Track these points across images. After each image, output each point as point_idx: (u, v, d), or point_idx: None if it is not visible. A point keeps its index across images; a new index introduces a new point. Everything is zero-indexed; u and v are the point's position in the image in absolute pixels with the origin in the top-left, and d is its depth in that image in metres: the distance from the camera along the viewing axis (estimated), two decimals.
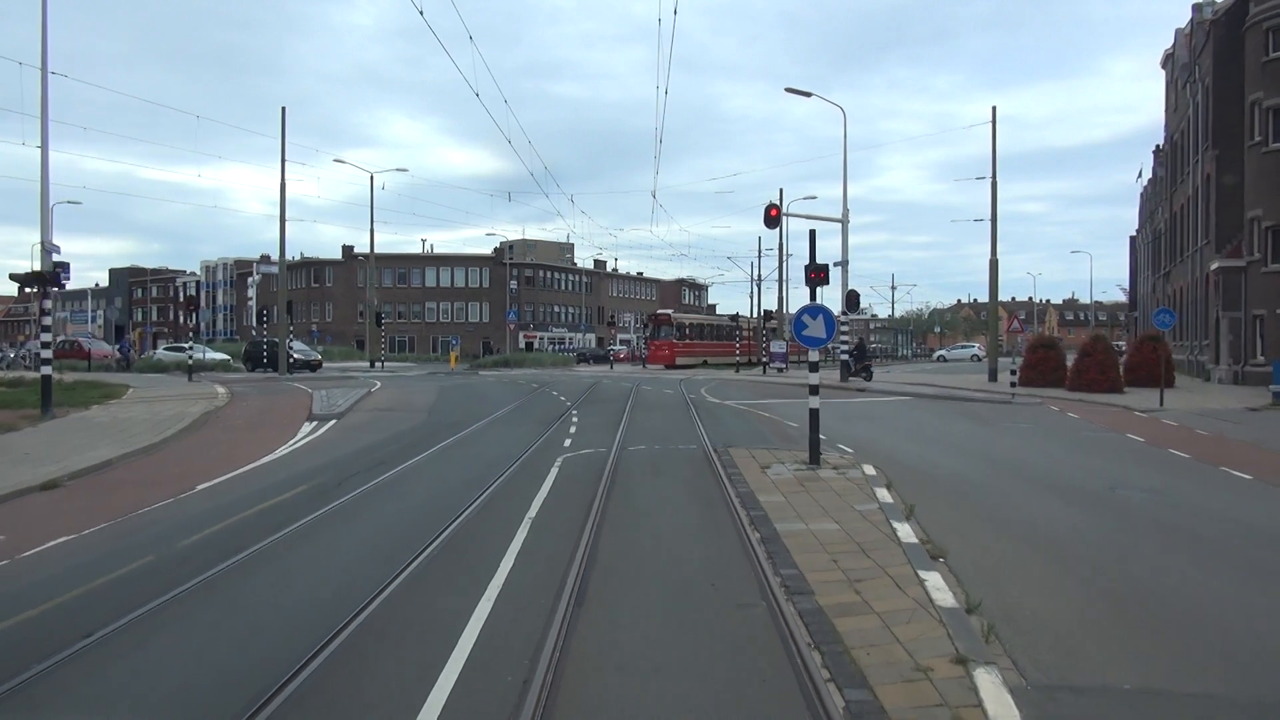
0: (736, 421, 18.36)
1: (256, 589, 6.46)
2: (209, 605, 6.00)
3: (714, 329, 60.70)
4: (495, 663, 4.82)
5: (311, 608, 5.92)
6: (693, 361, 53.21)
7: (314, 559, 7.38)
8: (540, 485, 10.24)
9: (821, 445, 14.55)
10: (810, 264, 11.60)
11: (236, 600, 6.15)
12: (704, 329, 59.05)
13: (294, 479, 10.86)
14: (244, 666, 4.85)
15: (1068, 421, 19.03)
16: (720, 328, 62.29)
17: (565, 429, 16.29)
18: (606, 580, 6.54)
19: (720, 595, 6.20)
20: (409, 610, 5.79)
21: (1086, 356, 27.49)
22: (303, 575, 6.88)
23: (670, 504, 9.52)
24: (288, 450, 13.53)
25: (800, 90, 29.10)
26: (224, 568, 6.80)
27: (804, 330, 11.61)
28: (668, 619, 5.70)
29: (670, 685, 4.59)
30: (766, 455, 12.89)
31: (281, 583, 6.65)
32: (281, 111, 34.25)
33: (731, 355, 56.90)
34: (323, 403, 20.01)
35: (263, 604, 6.09)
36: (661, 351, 52.62)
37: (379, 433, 15.64)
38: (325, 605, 5.85)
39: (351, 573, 6.76)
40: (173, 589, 6.15)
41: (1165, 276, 46.72)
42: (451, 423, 17.14)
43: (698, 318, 62.92)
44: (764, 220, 28.60)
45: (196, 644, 5.24)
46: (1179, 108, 42.34)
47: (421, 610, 5.78)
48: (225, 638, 5.36)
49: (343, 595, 6.02)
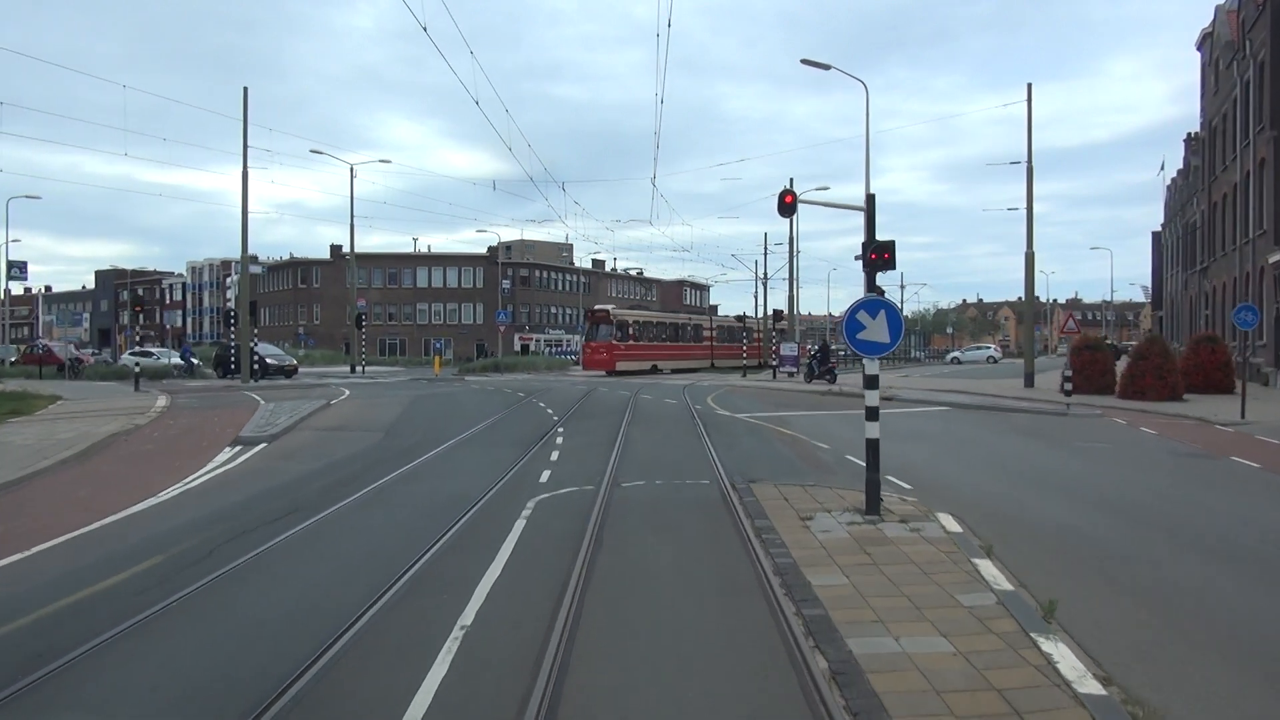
0: (753, 441, 15.28)
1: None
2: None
3: (668, 328, 51.49)
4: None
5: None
6: (638, 366, 45.42)
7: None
8: (492, 558, 7.16)
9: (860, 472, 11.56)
10: (869, 240, 8.49)
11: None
12: (653, 327, 49.46)
13: (151, 544, 7.76)
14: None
15: (1147, 439, 15.95)
16: (679, 327, 53.06)
17: (546, 454, 13.22)
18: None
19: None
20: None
21: (1141, 360, 24.43)
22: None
23: (677, 592, 6.44)
24: (179, 490, 10.45)
25: (819, 63, 25.99)
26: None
27: (859, 332, 8.54)
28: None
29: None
30: (802, 496, 9.81)
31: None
32: (243, 92, 31.22)
33: (693, 359, 51.06)
34: (260, 420, 16.93)
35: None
36: (599, 355, 44.34)
37: (311, 462, 12.56)
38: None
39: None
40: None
41: (1202, 272, 43.61)
42: (407, 447, 14.06)
43: (646, 314, 52.44)
44: (778, 208, 25.33)
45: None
46: (1220, 90, 39.27)
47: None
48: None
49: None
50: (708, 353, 54.85)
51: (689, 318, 54.92)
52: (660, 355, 48.41)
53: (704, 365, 51.68)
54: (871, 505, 8.64)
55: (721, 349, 57.26)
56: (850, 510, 8.97)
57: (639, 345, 46.07)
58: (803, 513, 8.96)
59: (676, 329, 52.30)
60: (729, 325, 61.06)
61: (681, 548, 7.73)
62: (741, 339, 58.39)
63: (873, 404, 8.66)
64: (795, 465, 12.59)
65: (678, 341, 51.27)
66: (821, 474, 11.69)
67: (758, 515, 8.88)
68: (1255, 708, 4.50)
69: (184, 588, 6.29)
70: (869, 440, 8.73)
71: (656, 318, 52.46)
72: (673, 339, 50.79)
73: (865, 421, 8.77)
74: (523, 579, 6.62)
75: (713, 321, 59.12)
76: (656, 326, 50.02)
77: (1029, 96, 29.33)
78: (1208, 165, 42.14)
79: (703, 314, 70.14)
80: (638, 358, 45.66)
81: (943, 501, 9.67)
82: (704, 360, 52.70)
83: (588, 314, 49.50)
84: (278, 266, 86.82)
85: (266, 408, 19.81)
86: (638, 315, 49.53)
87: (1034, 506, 9.65)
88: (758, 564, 7.11)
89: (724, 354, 57.08)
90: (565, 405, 22.51)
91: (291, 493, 10.10)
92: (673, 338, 50.91)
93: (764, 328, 63.93)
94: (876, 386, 8.68)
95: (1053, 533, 8.38)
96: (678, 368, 49.04)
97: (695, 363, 51.54)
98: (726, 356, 56.89)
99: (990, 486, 10.94)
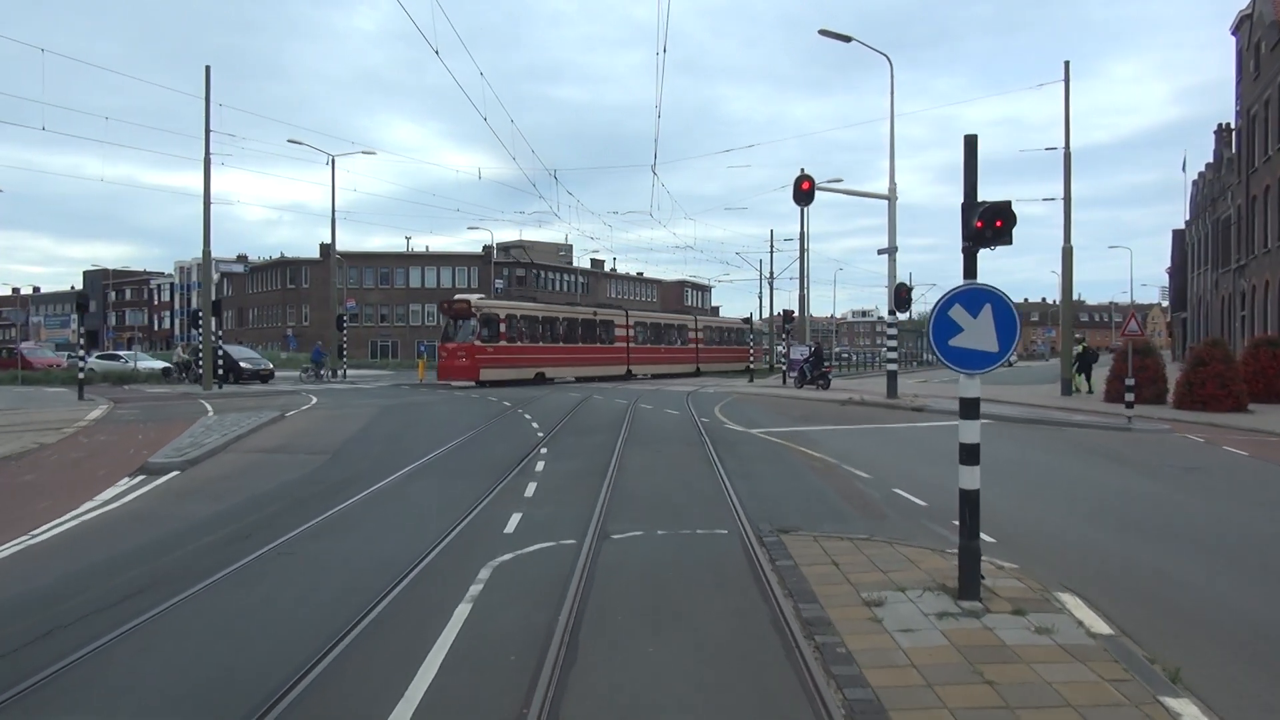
0: (775, 468, 12.63)
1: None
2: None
3: (564, 325, 39.78)
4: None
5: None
6: (515, 375, 35.28)
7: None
8: (399, 696, 4.52)
9: (919, 515, 8.89)
10: (970, 200, 5.79)
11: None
12: (542, 324, 38.31)
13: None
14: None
15: (1244, 464, 13.31)
16: (589, 324, 41.50)
17: (520, 487, 10.58)
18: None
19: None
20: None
21: (1201, 366, 21.78)
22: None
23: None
24: (16, 549, 7.78)
25: (839, 35, 23.37)
26: None
27: (952, 337, 5.88)
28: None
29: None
30: (855, 557, 7.16)
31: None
32: (205, 71, 28.53)
33: (606, 364, 41.74)
34: (188, 440, 14.26)
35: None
36: (458, 360, 33.64)
37: (215, 501, 9.89)
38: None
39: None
40: None
41: (1238, 270, 40.94)
42: (349, 477, 11.41)
43: (528, 307, 39.13)
44: (794, 195, 23.00)
45: None
46: (1261, 74, 36.63)
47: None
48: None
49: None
50: (660, 355, 46.80)
51: (595, 311, 42.91)
52: (553, 360, 38.31)
53: (619, 371, 42.79)
54: (968, 586, 5.98)
55: (712, 352, 52.04)
56: (934, 588, 6.33)
57: (519, 348, 35.95)
58: (864, 589, 6.32)
59: (579, 326, 40.92)
60: (719, 326, 56.11)
61: (698, 661, 5.08)
62: (733, 340, 54.41)
63: (971, 440, 5.99)
64: (833, 503, 9.93)
65: (582, 342, 40.67)
66: (871, 519, 9.04)
67: (802, 595, 6.24)
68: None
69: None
70: (966, 492, 6.07)
71: (545, 311, 39.62)
72: (562, 339, 39.61)
73: (960, 465, 6.10)
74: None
75: (698, 321, 52.63)
76: (544, 322, 38.65)
77: (1066, 76, 26.67)
78: (1245, 157, 39.49)
79: (687, 313, 61.39)
80: (516, 363, 35.62)
81: (1051, 567, 7.04)
82: (620, 365, 43.20)
83: (442, 306, 37.60)
84: (265, 266, 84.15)
85: (207, 421, 17.16)
86: (516, 308, 37.93)
87: (1183, 576, 7.00)
88: (817, 700, 4.47)
89: (713, 357, 51.90)
90: (553, 418, 19.85)
91: (158, 556, 7.43)
92: (563, 337, 39.68)
93: (763, 328, 60.54)
94: (976, 415, 6.01)
95: (1243, 626, 5.72)
96: (585, 374, 40.14)
97: (608, 368, 41.89)
98: (716, 360, 52.05)
99: (1101, 539, 8.28)
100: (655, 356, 46.32)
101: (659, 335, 47.68)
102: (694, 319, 52.29)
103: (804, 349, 36.49)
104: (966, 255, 5.77)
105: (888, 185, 24.60)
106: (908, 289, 24.31)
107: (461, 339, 34.05)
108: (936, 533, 8.36)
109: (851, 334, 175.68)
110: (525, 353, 36.53)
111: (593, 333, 41.68)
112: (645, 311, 52.88)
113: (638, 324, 45.63)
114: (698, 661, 5.09)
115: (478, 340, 33.85)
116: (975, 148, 5.70)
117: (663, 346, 47.47)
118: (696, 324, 51.34)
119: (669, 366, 47.10)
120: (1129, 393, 18.16)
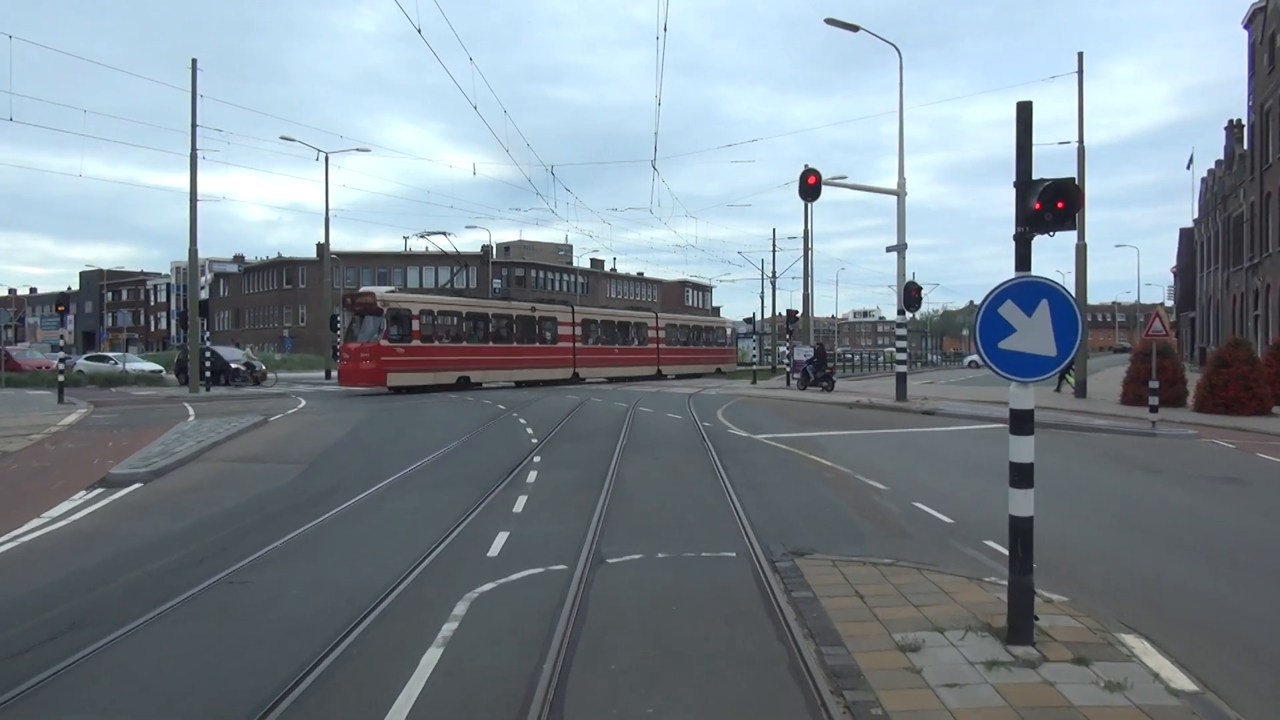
0: (783, 477, 11.79)
1: None
2: None
3: (495, 323, 34.86)
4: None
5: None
6: (432, 380, 31.01)
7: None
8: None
9: (945, 534, 8.06)
10: (1024, 179, 4.92)
11: None
12: (466, 321, 33.52)
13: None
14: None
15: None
16: (526, 322, 36.56)
17: (509, 501, 9.76)
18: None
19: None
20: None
21: (1224, 368, 20.94)
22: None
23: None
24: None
25: (847, 24, 22.54)
26: None
27: (1003, 339, 5.04)
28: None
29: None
30: (881, 586, 6.33)
31: None
32: (191, 64, 27.66)
33: (547, 367, 37.39)
34: (159, 447, 13.42)
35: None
36: (361, 363, 29.19)
37: (173, 520, 9.05)
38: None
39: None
40: None
41: (1251, 269, 40.09)
42: (324, 490, 10.57)
43: (449, 302, 34.14)
44: (799, 191, 22.14)
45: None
46: (1276, 68, 35.79)
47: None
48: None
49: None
50: (614, 357, 42.20)
51: (533, 307, 38.10)
52: (477, 362, 33.47)
53: (564, 375, 38.61)
54: (1020, 629, 5.15)
55: (677, 352, 46.78)
56: (977, 627, 5.49)
57: (433, 349, 31.30)
58: (897, 629, 5.49)
59: (514, 324, 35.80)
60: (687, 324, 50.80)
61: None
62: (703, 340, 50.25)
63: (1024, 459, 5.15)
64: (849, 519, 9.09)
65: (518, 342, 35.89)
66: (892, 538, 8.20)
67: (824, 636, 5.41)
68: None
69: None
70: (1017, 520, 5.23)
71: (470, 307, 34.66)
72: (508, 338, 35.25)
73: (1010, 488, 5.26)
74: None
75: (660, 319, 47.02)
76: (472, 319, 33.81)
77: (1080, 67, 25.85)
78: (1259, 152, 38.65)
79: (647, 309, 55.38)
80: (428, 366, 30.94)
81: (1104, 598, 6.23)
82: (565, 368, 39.03)
83: (344, 300, 32.09)
84: (261, 266, 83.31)
85: (184, 426, 16.32)
86: (430, 302, 32.87)
87: (1253, 609, 6.15)
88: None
89: (677, 358, 46.82)
90: (549, 422, 19.02)
91: (89, 589, 6.58)
92: (508, 336, 35.23)
93: (765, 328, 58.81)
94: (1029, 431, 5.16)
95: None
96: (522, 379, 36.17)
97: (549, 371, 37.73)
98: (681, 361, 47.06)
99: (1151, 563, 7.44)
100: (607, 358, 41.90)
101: (612, 334, 42.95)
102: (654, 315, 47.38)
103: (808, 349, 35.66)
104: (1019, 243, 4.92)
105: (896, 180, 23.77)
106: (918, 287, 23.47)
107: (366, 338, 29.52)
108: (967, 555, 7.54)
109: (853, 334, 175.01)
110: (444, 354, 31.69)
111: (531, 331, 36.82)
112: (595, 308, 46.54)
113: (585, 321, 40.75)
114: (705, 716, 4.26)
115: (385, 340, 29.10)
116: (1029, 117, 4.85)
117: (616, 347, 42.90)
118: (658, 321, 46.54)
119: (624, 369, 42.63)
120: (1153, 395, 17.31)
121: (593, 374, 40.67)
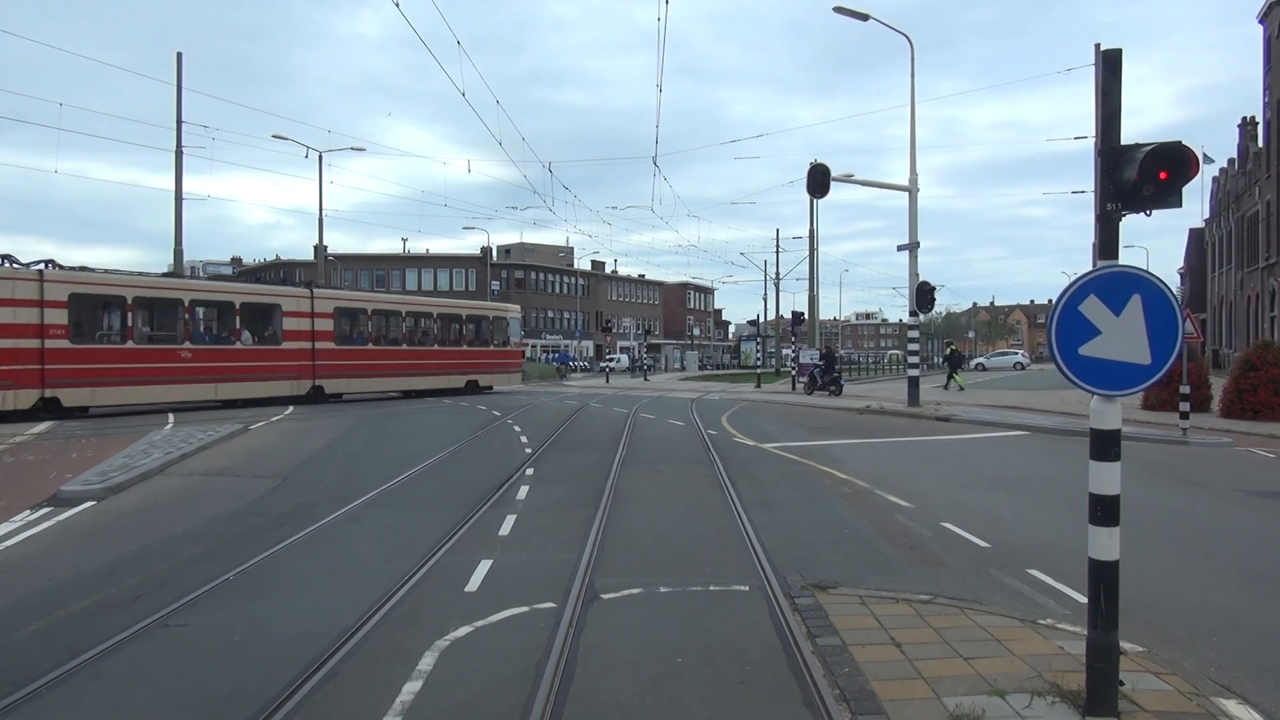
0: (796, 493, 10.85)
1: None
2: None
3: None
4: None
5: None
6: None
7: None
8: None
9: (984, 562, 7.14)
10: (1112, 144, 3.99)
11: None
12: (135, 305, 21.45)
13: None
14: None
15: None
16: (230, 310, 23.88)
17: (496, 522, 8.83)
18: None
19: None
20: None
21: (1252, 371, 20.01)
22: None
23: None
24: None
25: (856, 12, 21.61)
26: None
27: (1084, 343, 4.10)
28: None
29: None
30: (925, 639, 5.38)
31: None
32: (177, 58, 26.75)
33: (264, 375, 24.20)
34: (121, 459, 12.49)
35: None
36: None
37: (132, 540, 8.13)
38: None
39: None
40: None
41: (1267, 269, 39.12)
42: (293, 509, 9.65)
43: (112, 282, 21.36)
44: (807, 186, 21.19)
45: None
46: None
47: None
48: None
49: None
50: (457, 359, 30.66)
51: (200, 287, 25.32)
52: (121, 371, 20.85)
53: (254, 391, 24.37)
54: (1102, 697, 4.20)
55: (361, 357, 27.64)
56: (1044, 690, 4.55)
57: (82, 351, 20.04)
58: (946, 691, 4.56)
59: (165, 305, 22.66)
60: (399, 309, 30.04)
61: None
62: (453, 338, 31.60)
63: (1108, 490, 4.21)
64: (873, 544, 8.15)
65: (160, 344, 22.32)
66: (925, 568, 7.26)
67: (860, 701, 4.48)
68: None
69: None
70: (1098, 564, 4.28)
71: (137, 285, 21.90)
72: (154, 336, 22.46)
73: (1090, 525, 4.32)
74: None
75: (315, 300, 26.11)
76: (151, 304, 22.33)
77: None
78: (1275, 149, 37.71)
79: (422, 302, 33.18)
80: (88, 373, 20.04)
81: (1186, 647, 5.30)
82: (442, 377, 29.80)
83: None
84: (259, 268, 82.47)
85: (155, 436, 15.38)
86: None
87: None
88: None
89: (439, 364, 30.46)
90: (545, 430, 18.09)
91: (10, 632, 5.65)
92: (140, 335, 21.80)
93: (769, 330, 57.23)
94: (1115, 456, 4.22)
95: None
96: (256, 398, 24.34)
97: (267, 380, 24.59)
98: (442, 370, 30.58)
99: (1226, 598, 6.48)
100: (445, 362, 30.65)
101: (457, 334, 31.32)
102: (308, 295, 26.19)
103: (814, 352, 34.72)
104: (1104, 223, 3.97)
105: (908, 177, 22.83)
106: (931, 287, 22.48)
107: None
108: (1011, 588, 6.61)
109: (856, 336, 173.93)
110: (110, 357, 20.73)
111: (266, 327, 24.95)
112: (437, 302, 32.75)
113: (441, 315, 30.09)
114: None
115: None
116: (1119, 65, 3.92)
117: (449, 351, 30.98)
118: (314, 306, 26.09)
119: (454, 374, 30.79)
120: (1183, 401, 16.35)
121: (427, 381, 29.71)
